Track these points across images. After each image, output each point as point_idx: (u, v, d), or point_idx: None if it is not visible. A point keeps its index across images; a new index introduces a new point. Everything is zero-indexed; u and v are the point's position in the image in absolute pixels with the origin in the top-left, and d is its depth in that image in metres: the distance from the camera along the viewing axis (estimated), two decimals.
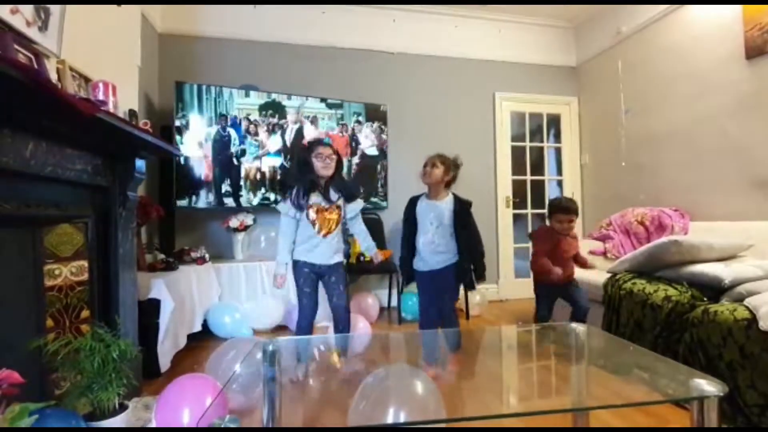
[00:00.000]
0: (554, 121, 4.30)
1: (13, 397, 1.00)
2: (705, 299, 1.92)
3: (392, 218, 3.61)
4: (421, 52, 3.91)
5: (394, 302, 3.51)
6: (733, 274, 1.89)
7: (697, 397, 0.87)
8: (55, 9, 1.52)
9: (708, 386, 0.90)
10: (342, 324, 2.13)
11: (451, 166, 2.09)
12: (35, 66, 1.41)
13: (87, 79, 1.75)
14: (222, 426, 0.76)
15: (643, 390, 1.09)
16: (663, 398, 1.09)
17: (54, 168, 1.41)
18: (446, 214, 2.07)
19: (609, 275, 2.42)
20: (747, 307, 1.61)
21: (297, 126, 3.38)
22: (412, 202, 2.19)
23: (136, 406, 1.68)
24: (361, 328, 2.66)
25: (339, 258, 2.14)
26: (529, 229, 4.18)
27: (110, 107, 1.62)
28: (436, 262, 2.09)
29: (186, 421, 1.39)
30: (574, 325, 1.39)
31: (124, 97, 1.96)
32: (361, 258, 3.26)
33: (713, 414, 0.89)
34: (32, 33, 1.42)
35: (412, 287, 3.31)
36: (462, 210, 2.07)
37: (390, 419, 1.10)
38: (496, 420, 0.95)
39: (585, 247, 3.13)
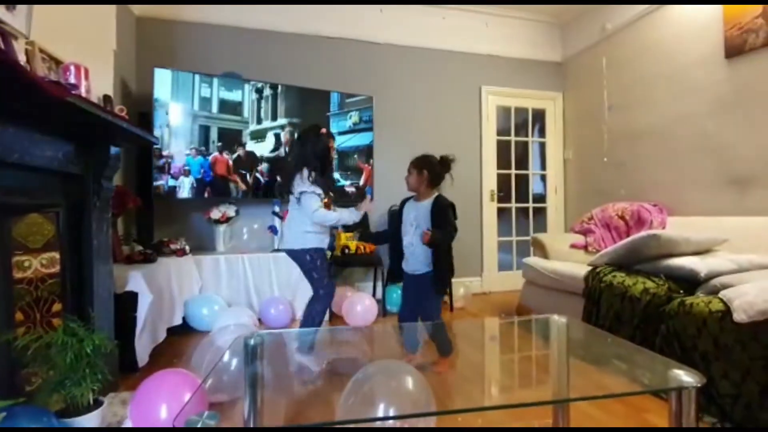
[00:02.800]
0: (539, 116, 4.34)
1: None
2: (681, 292, 1.96)
3: (377, 212, 3.58)
4: (408, 44, 3.87)
5: (379, 294, 3.50)
6: (708, 267, 1.94)
7: (675, 388, 0.89)
8: None
9: (686, 377, 0.91)
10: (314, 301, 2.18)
11: (426, 166, 2.00)
12: (1, 46, 1.33)
13: (58, 62, 1.67)
14: (200, 424, 0.74)
15: (623, 381, 1.11)
16: (642, 389, 1.11)
17: (21, 154, 1.34)
18: (424, 215, 1.99)
19: (590, 268, 2.46)
20: (721, 300, 1.65)
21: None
22: (402, 204, 2.15)
23: (113, 402, 1.63)
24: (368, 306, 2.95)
25: None
26: (513, 223, 4.22)
27: (82, 91, 1.55)
28: (416, 266, 2.02)
29: (163, 417, 1.35)
30: (555, 317, 1.41)
31: (98, 82, 1.88)
32: (346, 250, 3.24)
33: (691, 404, 0.90)
34: None
35: (397, 280, 3.33)
36: (437, 210, 1.97)
37: (380, 414, 1.08)
38: (479, 413, 0.95)
39: (567, 240, 3.18)
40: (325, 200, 2.14)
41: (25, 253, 1.47)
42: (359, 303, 2.96)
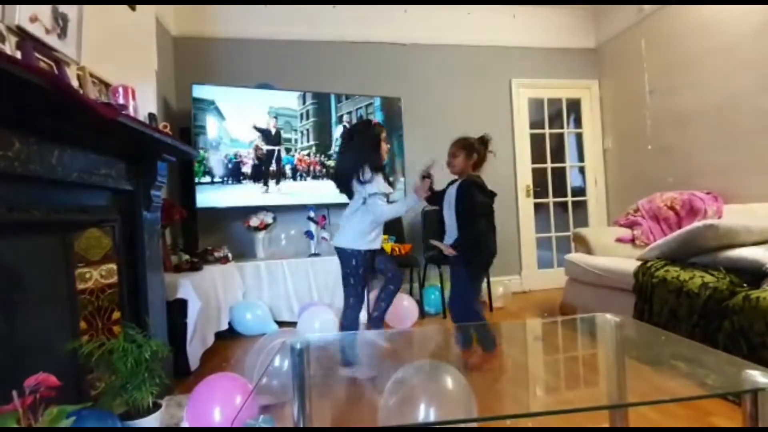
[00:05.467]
0: (574, 106, 4.18)
1: (50, 399, 1.01)
2: (745, 285, 1.83)
3: (411, 211, 3.55)
4: (434, 42, 3.84)
5: (416, 296, 3.48)
6: None
7: (751, 390, 0.82)
8: (72, 15, 1.53)
9: (763, 377, 0.84)
10: (396, 284, 2.13)
11: (473, 146, 2.00)
12: (56, 73, 1.43)
13: (107, 85, 1.77)
14: (256, 426, 0.76)
15: (687, 383, 1.04)
16: (711, 391, 1.03)
17: (80, 174, 1.43)
18: (453, 195, 1.99)
19: (639, 263, 2.34)
20: None
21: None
22: (447, 185, 2.14)
23: (169, 404, 1.71)
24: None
25: None
26: (551, 219, 4.08)
27: (131, 111, 1.63)
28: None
29: (217, 419, 1.40)
30: (608, 315, 1.34)
31: (143, 102, 1.97)
32: None
33: None
34: (51, 40, 1.43)
35: (435, 281, 3.29)
36: (462, 191, 1.95)
37: (420, 417, 1.07)
38: (530, 419, 0.92)
39: (611, 234, 3.04)
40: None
41: (86, 265, 1.57)
42: (397, 304, 2.96)
